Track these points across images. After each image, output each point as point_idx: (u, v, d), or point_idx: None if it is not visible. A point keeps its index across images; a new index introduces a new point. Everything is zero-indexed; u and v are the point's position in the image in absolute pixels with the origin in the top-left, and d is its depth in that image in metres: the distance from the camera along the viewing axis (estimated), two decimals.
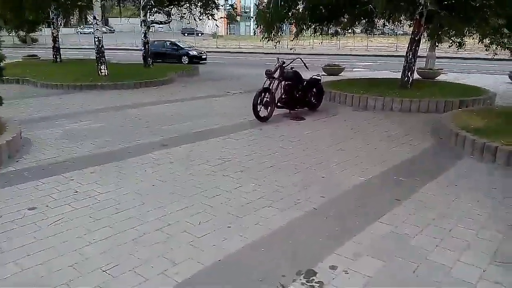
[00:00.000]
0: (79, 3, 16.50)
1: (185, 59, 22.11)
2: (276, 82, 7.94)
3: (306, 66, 8.36)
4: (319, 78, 8.89)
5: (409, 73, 10.48)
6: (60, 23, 20.52)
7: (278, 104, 8.18)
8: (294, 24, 11.74)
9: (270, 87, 7.76)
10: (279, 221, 3.65)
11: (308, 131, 7.05)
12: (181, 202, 4.04)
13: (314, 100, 8.95)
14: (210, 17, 17.87)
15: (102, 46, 13.68)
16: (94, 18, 13.39)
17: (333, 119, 8.16)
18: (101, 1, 13.56)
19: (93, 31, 13.84)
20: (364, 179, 4.74)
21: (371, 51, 33.34)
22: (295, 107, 8.35)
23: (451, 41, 12.69)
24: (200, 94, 11.39)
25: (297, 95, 8.32)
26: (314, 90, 8.91)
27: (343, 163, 5.30)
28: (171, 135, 6.69)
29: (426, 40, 13.67)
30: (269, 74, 7.69)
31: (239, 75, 16.35)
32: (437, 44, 13.46)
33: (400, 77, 10.73)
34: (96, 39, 13.57)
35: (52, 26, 19.40)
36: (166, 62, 21.04)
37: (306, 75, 8.69)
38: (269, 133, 6.85)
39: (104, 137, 6.50)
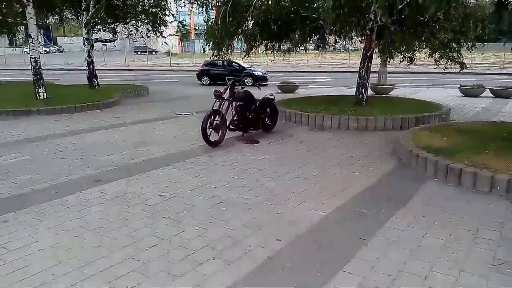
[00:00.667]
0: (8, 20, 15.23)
1: (248, 81, 18.62)
2: (227, 103, 7.36)
3: (258, 86, 7.84)
4: (272, 97, 8.40)
5: (363, 90, 10.26)
6: None
7: (230, 126, 7.60)
8: (244, 41, 11.28)
9: (220, 109, 7.17)
10: (225, 279, 3.01)
11: (262, 156, 6.49)
12: (107, 259, 3.32)
13: (268, 121, 8.44)
14: (158, 34, 17.17)
15: (40, 67, 12.63)
16: (30, 36, 12.32)
17: (289, 140, 7.66)
18: (36, 19, 12.52)
19: (28, 51, 12.73)
20: (324, 214, 4.20)
21: (325, 67, 33.76)
22: (248, 129, 7.80)
23: (402, 56, 12.70)
24: (147, 116, 10.62)
25: (250, 116, 7.78)
26: (268, 110, 8.42)
27: (300, 194, 4.75)
28: (108, 167, 5.91)
29: (377, 56, 13.64)
30: (218, 95, 7.11)
31: (191, 95, 15.73)
32: (388, 59, 13.44)
33: (354, 94, 10.48)
34: (33, 60, 12.52)
35: None
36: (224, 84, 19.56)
37: (258, 94, 8.18)
38: (220, 160, 6.22)
39: (29, 174, 5.63)
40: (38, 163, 6.20)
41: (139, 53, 52.16)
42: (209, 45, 10.98)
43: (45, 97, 12.64)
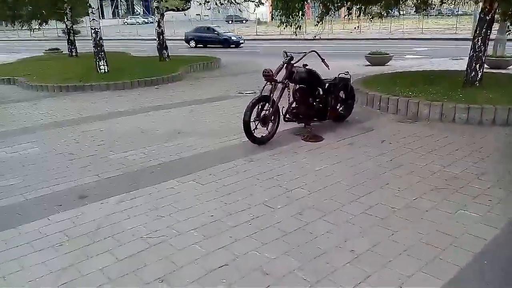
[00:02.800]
0: None
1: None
2: (281, 86, 5.49)
3: (325, 63, 5.82)
4: (348, 76, 6.31)
5: (477, 66, 7.61)
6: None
7: (287, 116, 5.75)
8: (321, 3, 9.10)
9: (271, 95, 5.33)
10: None
11: (322, 164, 4.59)
12: None
13: (340, 109, 6.40)
14: (257, 3, 15.52)
15: (101, 38, 11.76)
16: (90, 6, 11.42)
17: (367, 138, 5.60)
18: None
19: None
20: None
21: (427, 34, 29.49)
22: (311, 120, 5.86)
23: None
24: (205, 95, 9.16)
25: (314, 104, 5.83)
26: (341, 94, 6.37)
27: (363, 256, 2.83)
28: (112, 172, 4.50)
29: (499, 20, 10.50)
30: (269, 76, 5.25)
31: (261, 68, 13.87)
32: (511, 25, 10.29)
33: (465, 71, 7.86)
34: (93, 31, 11.67)
35: (65, 17, 17.91)
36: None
37: (328, 74, 6.17)
38: (260, 170, 4.46)
39: (16, 176, 4.44)
40: (38, 160, 5.01)
41: (230, 22, 51.20)
42: (277, 11, 9.01)
43: (106, 70, 11.81)
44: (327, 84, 6.03)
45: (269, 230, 3.16)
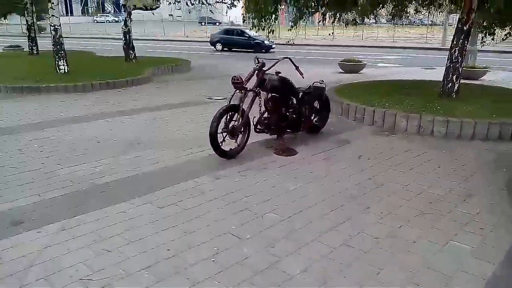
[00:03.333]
0: None
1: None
2: (251, 95, 5.03)
3: (299, 71, 5.40)
4: (323, 85, 5.93)
5: (454, 77, 7.45)
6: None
7: (258, 127, 5.29)
8: (295, 8, 8.72)
9: (241, 104, 4.86)
10: None
11: (297, 182, 4.16)
12: None
13: (315, 119, 6.01)
14: (229, 5, 15.02)
15: (60, 36, 10.96)
16: (49, 1, 10.63)
17: (342, 153, 5.21)
18: None
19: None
20: None
21: (398, 42, 29.85)
22: (284, 132, 5.43)
23: (507, 33, 9.57)
24: (171, 100, 8.60)
25: (287, 114, 5.40)
26: (316, 104, 5.98)
27: None
28: (57, 191, 3.90)
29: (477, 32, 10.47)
30: (238, 83, 4.78)
31: (239, 71, 13.39)
32: (485, 36, 10.28)
33: (441, 81, 7.66)
34: (52, 28, 10.88)
35: (26, 12, 16.88)
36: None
37: (300, 82, 5.76)
38: (230, 188, 3.99)
39: None
40: None
41: (203, 24, 50.38)
42: (250, 14, 8.57)
43: (66, 71, 11.04)
44: (301, 93, 5.63)
45: (235, 268, 2.68)
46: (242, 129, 4.97)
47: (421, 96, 7.49)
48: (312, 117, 5.95)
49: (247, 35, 24.03)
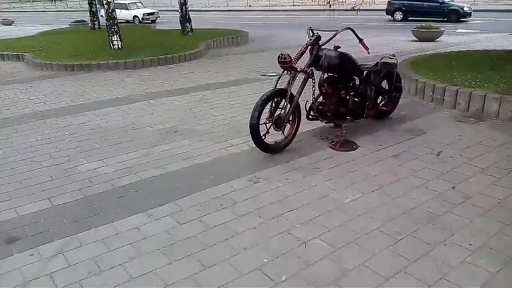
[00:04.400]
0: None
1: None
2: (304, 76, 4.13)
3: (363, 44, 4.36)
4: (394, 61, 4.86)
5: None
6: None
7: (311, 114, 4.41)
8: None
9: (289, 88, 3.99)
10: None
11: (356, 191, 3.29)
12: None
13: (382, 103, 4.99)
14: None
15: (113, 10, 10.61)
16: None
17: (416, 147, 4.19)
18: None
19: None
20: None
21: (479, 4, 26.60)
22: (344, 120, 4.49)
23: None
24: (222, 78, 7.92)
25: (347, 98, 4.43)
26: (384, 84, 4.94)
27: None
28: (70, 194, 3.39)
29: None
30: (286, 63, 3.89)
31: (296, 43, 12.34)
32: None
33: None
34: (105, 2, 10.53)
35: None
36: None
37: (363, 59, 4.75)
38: (269, 197, 3.23)
39: None
40: None
41: None
42: None
43: (119, 46, 10.72)
44: (365, 72, 4.62)
45: None
46: (290, 118, 4.13)
47: None
48: (379, 101, 4.93)
49: (439, 0, 19.28)
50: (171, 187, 3.43)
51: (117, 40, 10.71)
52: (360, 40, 4.29)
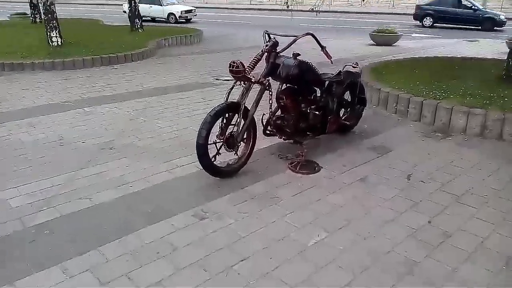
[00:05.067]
0: None
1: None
2: (260, 88, 3.59)
3: (326, 52, 3.87)
4: (357, 70, 4.43)
5: None
6: None
7: (268, 129, 3.86)
8: None
9: (242, 101, 3.43)
10: None
11: (320, 230, 2.80)
12: None
13: (345, 117, 4.55)
14: None
15: (51, 3, 9.61)
16: None
17: (383, 168, 3.77)
18: None
19: None
20: None
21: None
22: (304, 136, 3.99)
23: None
24: (171, 81, 7.28)
25: (308, 111, 3.94)
26: (347, 96, 4.51)
27: None
28: None
29: None
30: (239, 73, 3.32)
31: (255, 44, 11.78)
32: None
33: (506, 60, 6.04)
34: None
35: None
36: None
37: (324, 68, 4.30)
38: (213, 243, 2.65)
39: None
40: None
41: None
42: None
43: (59, 43, 9.74)
44: (327, 82, 4.15)
45: None
46: (245, 136, 3.58)
47: (479, 80, 5.90)
48: (341, 114, 4.49)
49: (472, 7, 18.07)
50: (97, 226, 2.78)
51: (56, 36, 9.75)
52: (323, 48, 3.80)
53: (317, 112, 3.99)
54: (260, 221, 2.85)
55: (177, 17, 19.72)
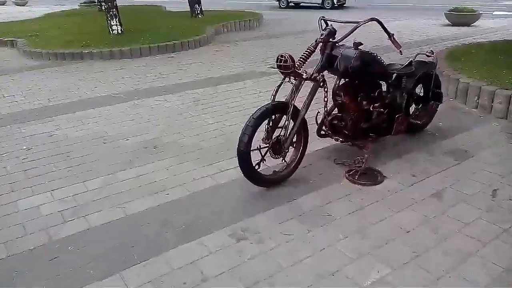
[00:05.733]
0: None
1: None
2: (314, 84, 3.10)
3: (394, 41, 3.26)
4: (431, 60, 3.75)
5: None
6: None
7: (323, 130, 3.36)
8: None
9: (292, 99, 2.96)
10: None
11: (385, 258, 2.32)
12: None
13: (415, 114, 3.92)
14: None
15: None
16: None
17: (462, 180, 3.15)
18: None
19: None
20: None
21: None
22: (366, 138, 3.44)
23: None
24: (225, 70, 6.99)
25: (371, 110, 3.37)
26: (419, 90, 3.87)
27: None
28: None
29: None
30: (288, 68, 2.84)
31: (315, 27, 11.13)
32: None
33: None
34: None
35: None
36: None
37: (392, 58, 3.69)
38: (256, 266, 2.29)
39: None
40: None
41: None
42: None
43: (119, 31, 9.77)
44: (395, 75, 3.54)
45: None
46: (294, 140, 3.12)
47: None
48: (411, 111, 3.86)
49: None
50: (124, 243, 2.49)
51: (116, 25, 9.77)
52: (390, 36, 3.21)
53: (382, 110, 3.42)
54: (307, 247, 2.40)
55: (335, 2, 18.04)
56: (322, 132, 3.39)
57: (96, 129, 4.43)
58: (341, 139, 3.42)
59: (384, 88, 3.53)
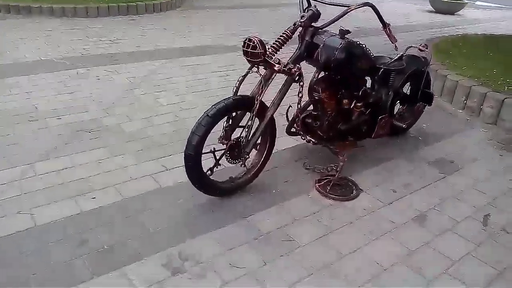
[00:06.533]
0: None
1: None
2: (288, 78, 2.50)
3: (389, 34, 2.69)
4: (425, 55, 3.23)
5: None
6: None
7: (294, 127, 2.79)
8: None
9: (258, 94, 2.36)
10: None
11: None
12: None
13: (399, 117, 3.42)
14: None
15: None
16: None
17: (448, 200, 2.70)
18: None
19: None
20: None
21: None
22: (344, 142, 2.90)
23: None
24: (190, 40, 6.26)
25: (351, 108, 2.82)
26: (406, 87, 3.35)
27: None
28: None
29: None
30: (256, 55, 2.22)
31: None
32: None
33: None
34: None
35: None
36: None
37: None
38: None
39: None
40: None
41: None
42: None
43: None
44: (382, 69, 2.99)
45: None
46: (258, 141, 2.54)
47: None
48: (396, 109, 3.36)
49: None
50: (17, 276, 1.87)
51: None
52: (386, 26, 2.63)
53: (363, 110, 2.89)
54: (266, 283, 1.87)
55: None
56: (293, 130, 2.84)
57: (24, 103, 3.70)
58: (313, 141, 2.87)
59: (368, 84, 2.98)
